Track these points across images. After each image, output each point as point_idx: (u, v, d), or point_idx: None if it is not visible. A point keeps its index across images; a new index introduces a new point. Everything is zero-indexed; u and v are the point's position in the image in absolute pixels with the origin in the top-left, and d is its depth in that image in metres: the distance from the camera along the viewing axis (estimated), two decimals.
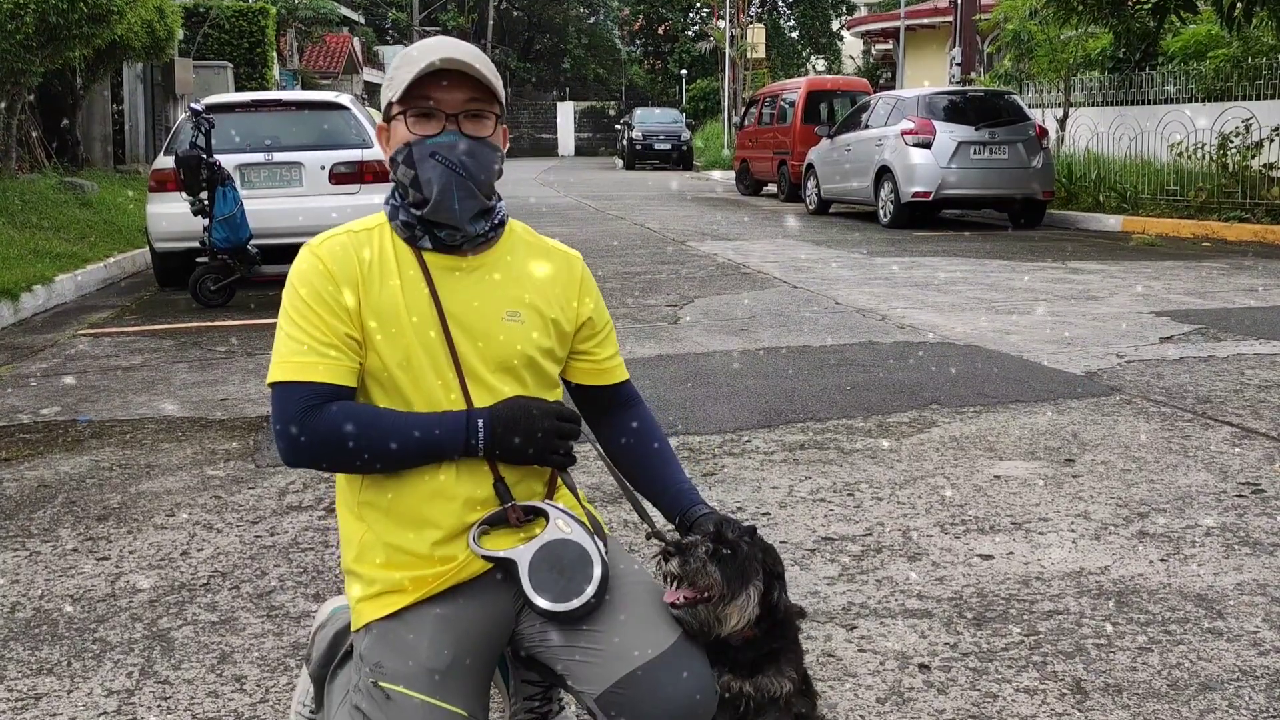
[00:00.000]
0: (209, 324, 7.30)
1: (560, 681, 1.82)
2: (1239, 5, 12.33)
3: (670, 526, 1.95)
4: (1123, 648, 2.58)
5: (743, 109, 25.08)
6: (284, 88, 25.06)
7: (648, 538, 1.98)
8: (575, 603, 1.73)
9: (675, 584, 1.77)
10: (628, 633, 1.75)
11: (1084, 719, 2.27)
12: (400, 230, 1.83)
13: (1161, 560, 3.11)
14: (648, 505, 1.97)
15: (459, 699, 1.72)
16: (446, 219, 1.80)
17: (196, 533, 3.46)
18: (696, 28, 47.14)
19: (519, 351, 1.84)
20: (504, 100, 1.85)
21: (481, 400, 1.80)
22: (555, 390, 1.92)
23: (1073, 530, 3.35)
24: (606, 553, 1.80)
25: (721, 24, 34.94)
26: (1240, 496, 3.63)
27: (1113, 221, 13.26)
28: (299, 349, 1.75)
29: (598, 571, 1.75)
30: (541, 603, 1.73)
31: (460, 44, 1.82)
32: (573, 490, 1.94)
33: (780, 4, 47.18)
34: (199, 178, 7.64)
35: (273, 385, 1.76)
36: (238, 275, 7.94)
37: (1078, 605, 2.82)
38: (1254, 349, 5.97)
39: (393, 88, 1.79)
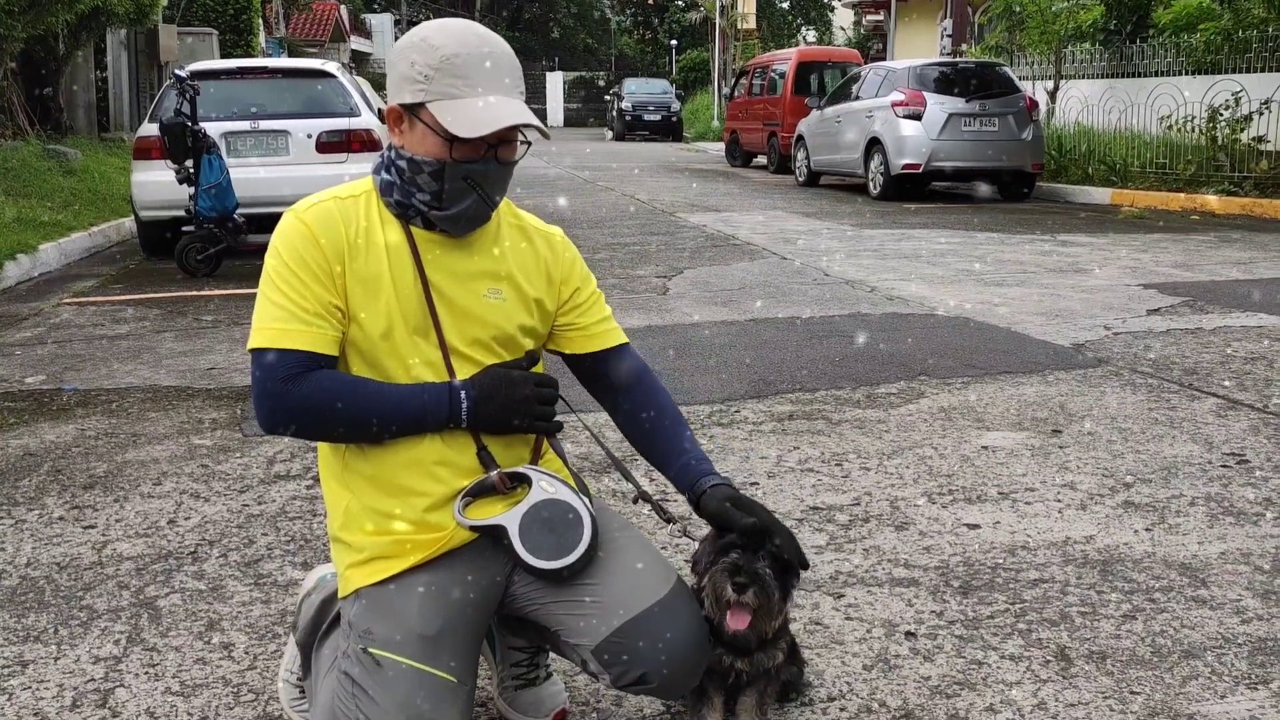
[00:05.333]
0: (195, 293, 7.26)
1: (553, 639, 1.83)
2: None
3: (670, 512, 1.95)
4: (1107, 616, 2.60)
5: (733, 80, 24.98)
6: (270, 55, 24.81)
7: (634, 501, 1.98)
8: (570, 558, 1.74)
9: (741, 609, 1.78)
10: (622, 583, 1.78)
11: (1068, 686, 2.29)
12: (393, 207, 1.80)
13: (1146, 530, 3.13)
14: (637, 473, 1.97)
15: (448, 665, 1.72)
16: (452, 229, 1.80)
17: (184, 501, 3.45)
18: None
19: (498, 328, 1.83)
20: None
21: (461, 373, 1.80)
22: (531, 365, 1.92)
23: (1059, 500, 3.37)
24: (593, 508, 1.82)
25: None
26: (1225, 467, 3.65)
27: (1102, 194, 13.27)
28: (281, 315, 1.72)
29: (588, 526, 1.76)
30: (536, 563, 1.74)
31: (506, 60, 1.74)
32: (560, 455, 1.94)
33: None
34: (184, 146, 7.57)
35: (253, 351, 1.73)
36: (224, 244, 7.88)
37: (1063, 574, 2.83)
38: (1240, 321, 5.99)
39: (433, 92, 1.69)
